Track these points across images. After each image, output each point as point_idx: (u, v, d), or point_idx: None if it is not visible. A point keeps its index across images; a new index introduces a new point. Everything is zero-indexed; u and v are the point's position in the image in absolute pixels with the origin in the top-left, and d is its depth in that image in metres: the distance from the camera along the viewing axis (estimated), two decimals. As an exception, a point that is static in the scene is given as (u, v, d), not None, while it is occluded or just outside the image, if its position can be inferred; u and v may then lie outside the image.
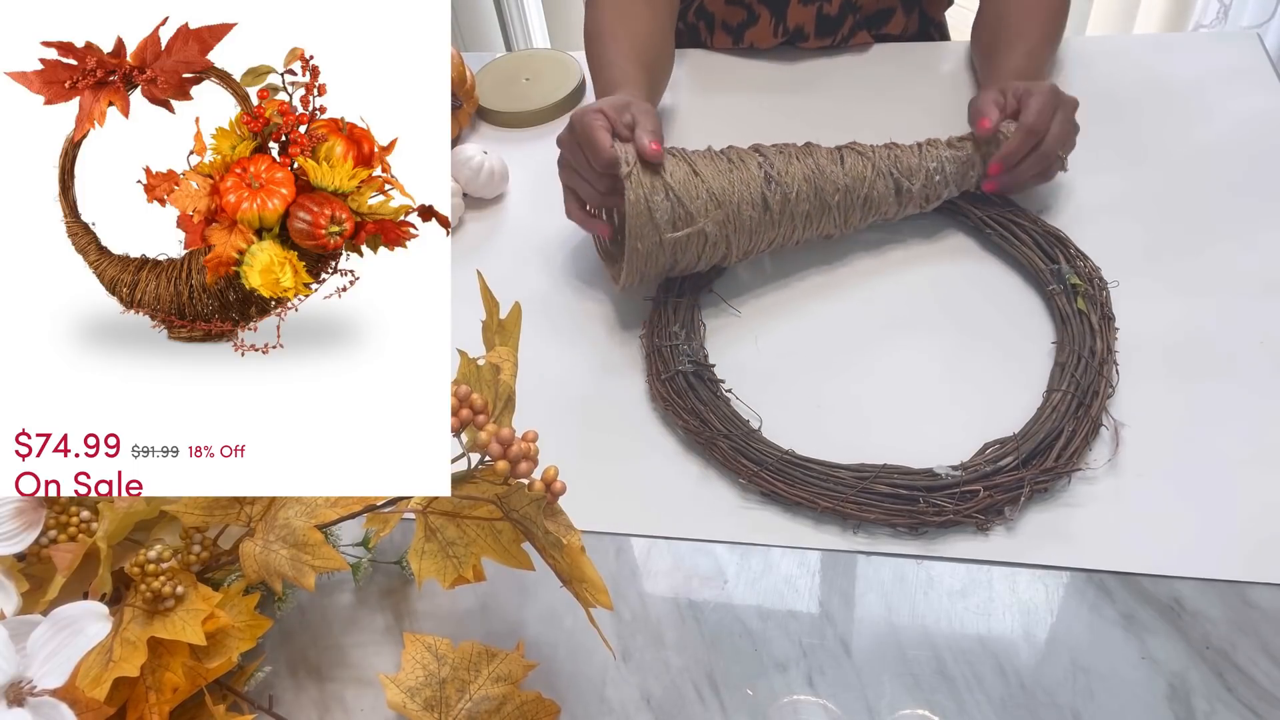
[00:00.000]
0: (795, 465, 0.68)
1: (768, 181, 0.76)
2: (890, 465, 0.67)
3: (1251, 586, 0.60)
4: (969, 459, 0.67)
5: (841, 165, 0.79)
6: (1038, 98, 0.79)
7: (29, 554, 0.54)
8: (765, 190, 0.75)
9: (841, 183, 0.78)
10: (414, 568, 0.53)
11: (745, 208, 0.75)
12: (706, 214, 0.73)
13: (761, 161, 0.77)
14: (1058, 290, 0.76)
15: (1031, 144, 0.79)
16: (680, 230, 0.73)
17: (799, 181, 0.76)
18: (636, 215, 0.72)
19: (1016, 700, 0.57)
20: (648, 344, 0.78)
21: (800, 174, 0.77)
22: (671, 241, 0.73)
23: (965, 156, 0.81)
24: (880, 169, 0.79)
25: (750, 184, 0.75)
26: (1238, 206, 0.82)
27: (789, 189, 0.76)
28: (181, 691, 0.53)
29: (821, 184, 0.77)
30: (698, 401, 0.72)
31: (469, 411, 0.50)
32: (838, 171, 0.78)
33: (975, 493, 0.64)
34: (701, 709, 0.59)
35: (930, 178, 0.80)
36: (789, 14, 1.01)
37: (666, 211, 0.72)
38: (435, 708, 0.54)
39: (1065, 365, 0.71)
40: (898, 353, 0.76)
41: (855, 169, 0.79)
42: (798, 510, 0.67)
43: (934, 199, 0.82)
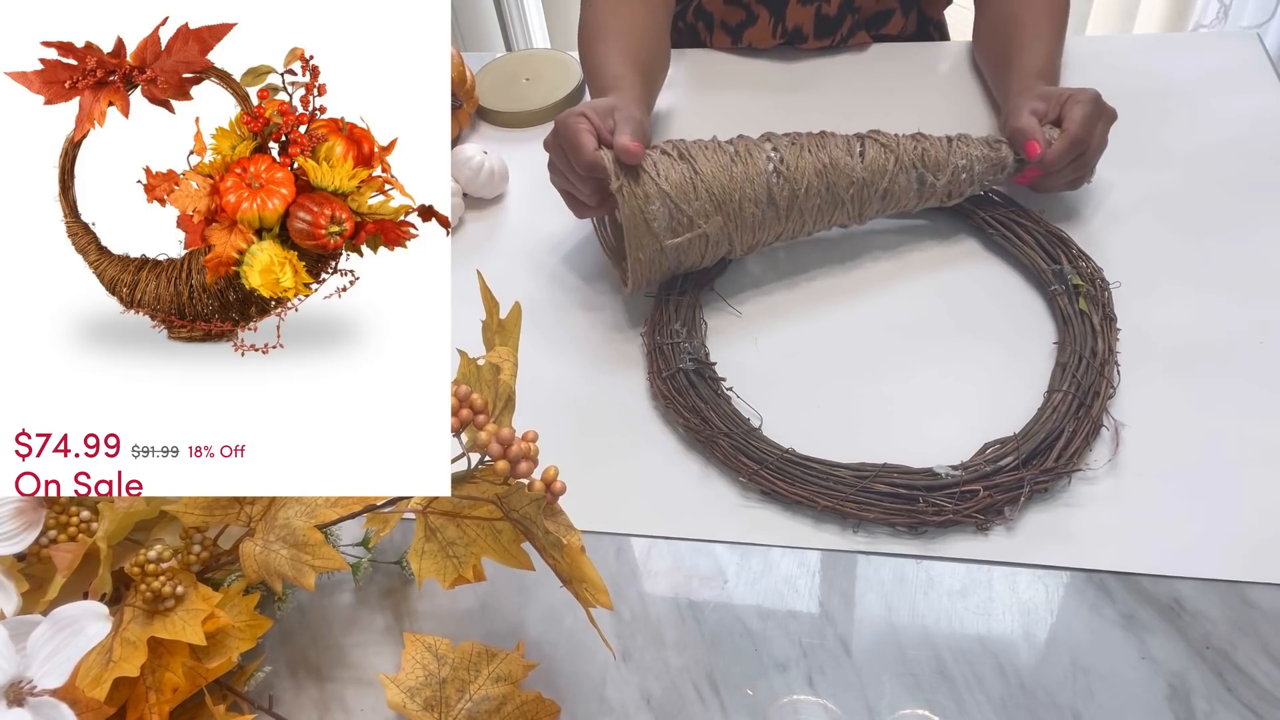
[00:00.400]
0: (795, 464, 0.68)
1: (775, 175, 0.74)
2: (890, 465, 0.67)
3: (1251, 586, 0.60)
4: (969, 459, 0.67)
5: (860, 157, 0.77)
6: (1083, 106, 0.77)
7: (29, 554, 0.54)
8: (772, 184, 0.74)
9: (858, 175, 0.76)
10: (414, 568, 0.53)
11: (749, 205, 0.74)
12: (706, 217, 0.73)
13: (771, 154, 0.75)
14: (1059, 290, 0.76)
15: (1075, 154, 0.78)
16: (680, 235, 0.73)
17: (809, 176, 0.75)
18: (634, 227, 0.71)
19: (1016, 700, 0.57)
20: (649, 341, 0.78)
21: (811, 167, 0.75)
22: (673, 247, 0.73)
23: (998, 159, 0.80)
24: (904, 162, 0.77)
25: (755, 180, 0.74)
26: (1238, 206, 0.82)
27: (798, 184, 0.75)
28: (181, 691, 0.53)
29: (834, 178, 0.76)
30: (698, 400, 0.72)
31: (469, 411, 0.50)
32: (854, 164, 0.76)
33: (975, 492, 0.64)
34: (701, 709, 0.59)
35: (957, 175, 0.79)
36: (788, 14, 1.01)
37: (664, 218, 0.72)
38: (435, 708, 0.54)
39: (1066, 366, 0.71)
40: (899, 352, 0.76)
41: (876, 161, 0.77)
42: (798, 510, 0.67)
43: (956, 195, 0.81)
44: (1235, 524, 0.63)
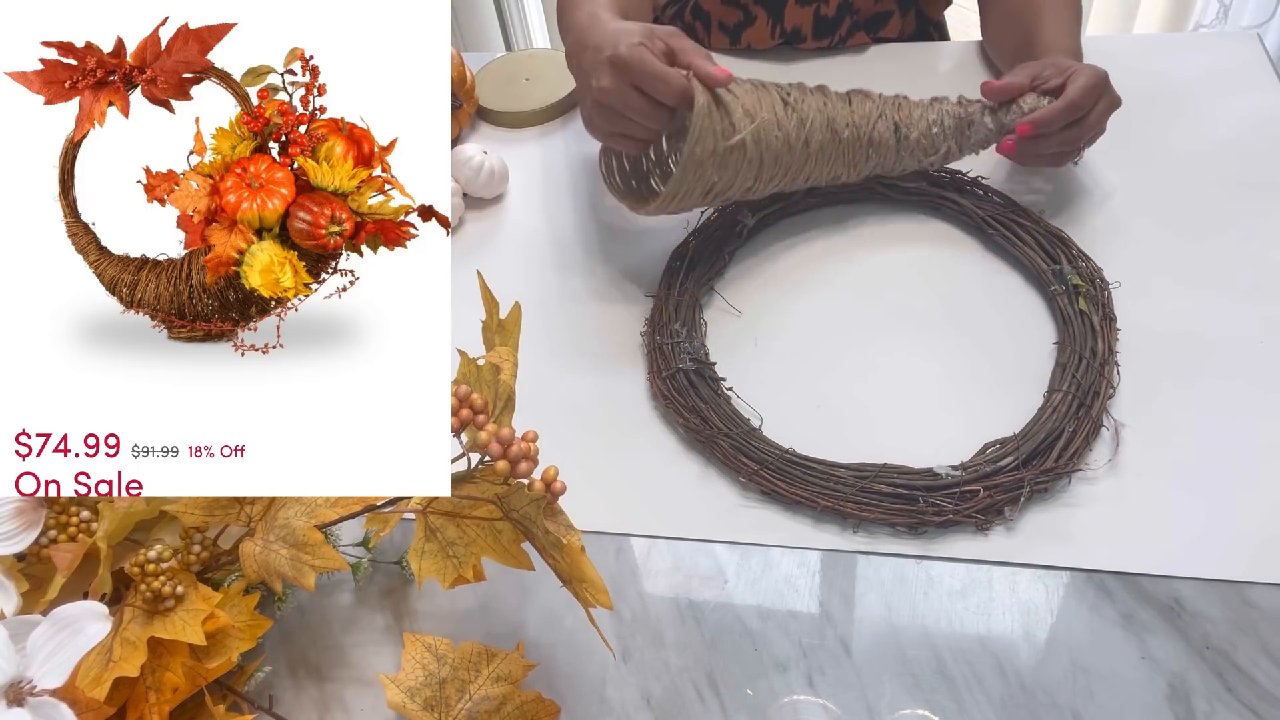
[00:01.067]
0: (795, 464, 0.68)
1: (786, 108, 0.76)
2: (890, 465, 0.67)
3: (1251, 586, 0.60)
4: (969, 459, 0.67)
5: (850, 105, 0.80)
6: (1088, 77, 0.77)
7: (29, 554, 0.54)
8: (785, 116, 0.75)
9: (851, 119, 0.79)
10: (414, 568, 0.53)
11: (772, 129, 0.75)
12: (745, 128, 0.73)
13: (780, 90, 0.77)
14: (1059, 290, 0.76)
15: (1069, 119, 0.77)
16: (730, 139, 0.72)
17: (814, 111, 0.77)
18: (703, 154, 0.71)
19: (1016, 700, 0.57)
20: (649, 341, 0.78)
21: (815, 105, 0.77)
22: (724, 151, 0.72)
23: (965, 114, 0.81)
24: (884, 111, 0.80)
25: (775, 107, 0.75)
26: (1238, 206, 0.82)
27: (805, 115, 0.76)
28: (181, 691, 0.53)
29: (833, 115, 0.78)
30: (698, 399, 0.72)
31: (469, 411, 0.50)
32: (847, 110, 0.79)
33: (975, 493, 0.64)
34: (701, 709, 0.59)
35: (929, 129, 0.80)
36: (786, 15, 1.01)
37: (719, 120, 0.71)
38: (435, 708, 0.54)
39: (1066, 366, 0.71)
40: (899, 352, 0.76)
41: (861, 109, 0.79)
42: (798, 510, 0.67)
43: (933, 152, 0.82)
44: (1235, 524, 0.63)
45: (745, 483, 0.68)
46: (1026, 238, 0.80)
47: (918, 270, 0.82)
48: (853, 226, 0.86)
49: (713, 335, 0.79)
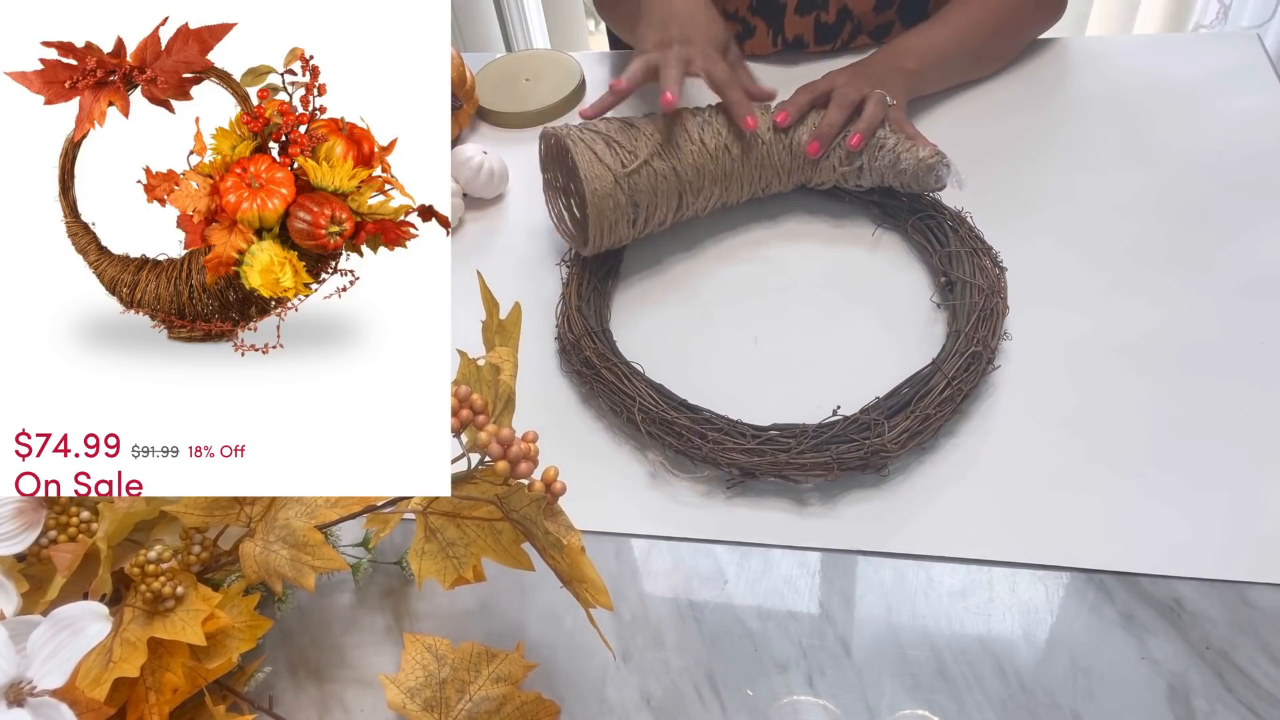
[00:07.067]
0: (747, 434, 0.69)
1: (693, 113, 0.81)
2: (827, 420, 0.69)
3: (1251, 586, 0.60)
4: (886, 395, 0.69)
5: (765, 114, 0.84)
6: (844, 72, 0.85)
7: (29, 554, 0.54)
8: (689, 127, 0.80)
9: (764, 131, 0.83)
10: (414, 568, 0.53)
11: (686, 143, 0.79)
12: (647, 147, 0.78)
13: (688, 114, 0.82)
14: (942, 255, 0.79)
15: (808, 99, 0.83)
16: (629, 166, 0.77)
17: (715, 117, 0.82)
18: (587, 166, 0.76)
19: (1016, 700, 0.57)
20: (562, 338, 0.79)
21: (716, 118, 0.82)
22: (625, 176, 0.76)
23: None
24: None
25: (673, 124, 0.80)
26: (1237, 207, 0.82)
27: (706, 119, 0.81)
28: (181, 692, 0.53)
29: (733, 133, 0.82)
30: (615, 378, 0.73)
31: (469, 412, 0.50)
32: None
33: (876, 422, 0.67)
34: (701, 709, 0.59)
35: None
36: (786, 25, 1.01)
37: (610, 155, 0.76)
38: (435, 708, 0.54)
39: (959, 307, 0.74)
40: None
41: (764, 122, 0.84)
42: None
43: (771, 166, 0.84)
44: (1235, 524, 0.63)
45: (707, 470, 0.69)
46: None
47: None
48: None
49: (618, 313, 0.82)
